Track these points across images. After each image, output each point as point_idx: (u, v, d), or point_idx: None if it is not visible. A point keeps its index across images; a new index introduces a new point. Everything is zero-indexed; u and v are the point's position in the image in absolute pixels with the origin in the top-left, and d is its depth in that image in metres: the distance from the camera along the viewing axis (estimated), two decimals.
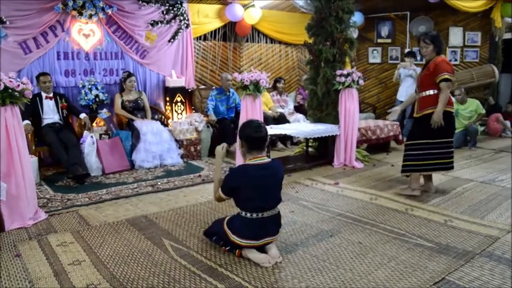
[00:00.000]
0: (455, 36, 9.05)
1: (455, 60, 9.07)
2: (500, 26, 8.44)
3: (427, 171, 4.31)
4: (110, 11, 6.00)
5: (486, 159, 6.14)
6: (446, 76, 3.98)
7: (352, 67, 5.98)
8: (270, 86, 5.79)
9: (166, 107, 6.82)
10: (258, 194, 2.80)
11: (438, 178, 4.94)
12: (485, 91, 8.79)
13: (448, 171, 4.39)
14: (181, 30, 6.83)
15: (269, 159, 2.94)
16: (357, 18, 7.50)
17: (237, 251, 2.88)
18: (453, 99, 7.25)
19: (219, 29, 7.75)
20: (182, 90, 6.84)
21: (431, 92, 4.11)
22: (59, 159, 5.15)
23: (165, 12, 6.59)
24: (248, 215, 2.83)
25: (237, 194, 2.89)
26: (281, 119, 7.06)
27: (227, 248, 2.94)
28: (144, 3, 6.36)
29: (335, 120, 5.70)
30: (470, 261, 2.81)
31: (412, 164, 4.28)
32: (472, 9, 8.24)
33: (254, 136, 2.82)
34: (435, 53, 4.10)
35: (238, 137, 2.91)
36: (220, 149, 3.06)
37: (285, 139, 7.19)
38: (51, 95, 5.38)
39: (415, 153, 4.23)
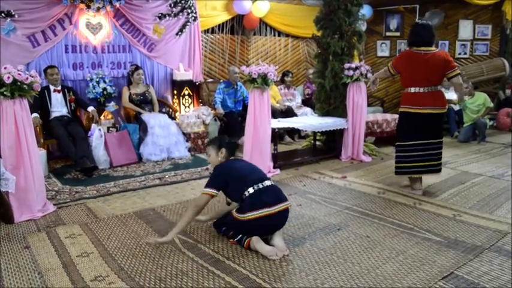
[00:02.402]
0: (465, 29, 8.96)
1: (465, 53, 8.98)
2: (511, 18, 8.33)
3: (418, 174, 4.16)
4: (117, 4, 5.99)
5: (495, 154, 6.08)
6: (389, 64, 4.16)
7: (360, 60, 5.92)
8: (278, 79, 5.75)
9: (174, 100, 6.82)
10: (246, 172, 3.03)
11: (447, 172, 4.90)
12: (495, 85, 8.70)
13: (435, 174, 4.19)
14: (189, 23, 6.81)
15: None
16: (366, 11, 7.44)
17: (246, 242, 2.87)
18: (453, 95, 7.24)
19: (226, 22, 7.73)
20: (190, 83, 6.84)
21: (411, 89, 4.02)
22: (67, 152, 5.17)
23: (172, 5, 6.57)
24: (250, 189, 2.90)
25: (230, 184, 2.99)
26: (288, 113, 7.05)
27: (236, 239, 2.95)
28: None
29: (343, 114, 5.67)
30: (479, 256, 2.79)
31: (404, 166, 4.17)
32: (482, 2, 8.14)
33: (233, 143, 3.25)
34: (407, 45, 4.06)
35: (216, 147, 3.17)
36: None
37: (293, 132, 7.18)
38: (59, 88, 5.40)
39: (406, 155, 4.12)
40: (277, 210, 2.85)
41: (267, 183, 2.97)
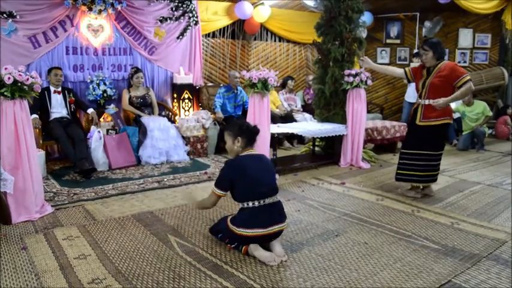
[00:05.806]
0: (465, 37, 9.01)
1: (464, 62, 9.02)
2: (511, 28, 8.36)
3: (417, 182, 4.26)
4: (119, 7, 5.99)
5: (493, 162, 6.10)
6: (468, 77, 3.99)
7: (360, 67, 5.93)
8: (278, 84, 5.76)
9: (174, 104, 6.83)
10: (256, 180, 2.86)
11: (445, 180, 4.92)
12: (494, 94, 8.73)
13: (431, 183, 4.34)
14: (190, 27, 6.82)
15: (257, 151, 3.08)
16: (366, 18, 7.46)
17: (243, 248, 2.87)
18: (453, 105, 7.26)
19: (227, 26, 7.74)
20: (190, 87, 6.84)
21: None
22: (66, 153, 5.17)
23: (174, 8, 6.59)
24: (250, 204, 2.85)
25: (236, 187, 2.92)
26: (288, 118, 7.05)
27: (233, 246, 2.94)
28: (154, 0, 6.37)
29: (342, 120, 5.68)
30: (477, 264, 2.79)
31: (406, 174, 4.25)
32: (482, 11, 8.17)
33: (254, 130, 2.97)
34: (435, 59, 4.06)
35: (232, 135, 2.98)
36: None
37: (292, 138, 7.18)
38: (59, 89, 5.40)
39: (411, 163, 4.19)
40: (271, 231, 2.84)
41: (272, 200, 2.89)
